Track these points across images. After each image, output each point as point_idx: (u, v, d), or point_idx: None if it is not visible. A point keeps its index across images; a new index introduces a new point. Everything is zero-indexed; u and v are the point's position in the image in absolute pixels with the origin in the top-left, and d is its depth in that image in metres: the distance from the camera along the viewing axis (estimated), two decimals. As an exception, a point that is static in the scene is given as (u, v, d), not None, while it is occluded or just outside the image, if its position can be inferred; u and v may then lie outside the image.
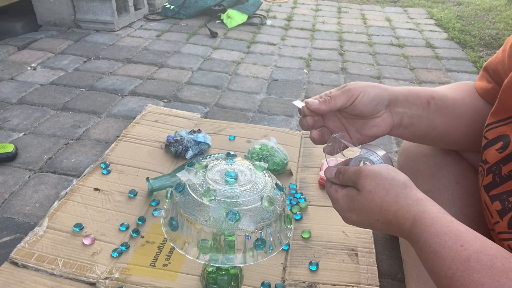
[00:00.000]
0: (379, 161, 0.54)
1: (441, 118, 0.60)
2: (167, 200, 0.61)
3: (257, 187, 0.58)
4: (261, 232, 0.56)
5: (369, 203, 0.49)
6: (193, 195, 0.56)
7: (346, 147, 0.60)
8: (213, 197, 0.54)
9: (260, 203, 0.55)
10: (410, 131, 0.61)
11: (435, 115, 0.60)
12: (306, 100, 0.60)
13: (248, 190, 0.57)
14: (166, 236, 0.59)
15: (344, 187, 0.53)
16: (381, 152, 0.55)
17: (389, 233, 0.52)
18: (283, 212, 0.59)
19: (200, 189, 0.56)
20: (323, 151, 0.61)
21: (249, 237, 0.56)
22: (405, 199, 0.47)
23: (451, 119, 0.61)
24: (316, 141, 0.61)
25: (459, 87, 0.64)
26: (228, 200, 0.55)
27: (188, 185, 0.58)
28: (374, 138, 0.62)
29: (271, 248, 0.57)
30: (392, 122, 0.59)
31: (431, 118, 0.60)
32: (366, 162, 0.56)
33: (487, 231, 0.60)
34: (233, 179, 0.57)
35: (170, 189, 0.61)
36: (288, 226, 0.61)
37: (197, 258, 0.56)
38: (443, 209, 0.46)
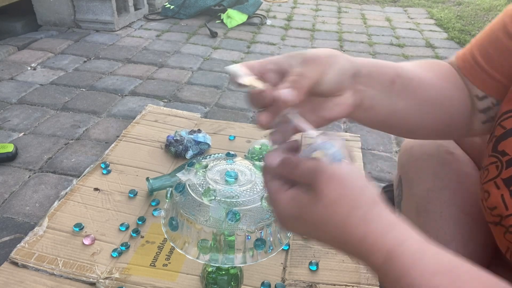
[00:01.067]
0: (337, 157, 0.40)
1: (405, 102, 0.52)
2: (167, 200, 0.61)
3: (257, 187, 0.58)
4: (261, 232, 0.56)
5: (329, 217, 0.37)
6: (193, 195, 0.56)
7: (296, 131, 0.45)
8: (213, 197, 0.54)
9: (260, 203, 0.55)
10: (370, 115, 0.51)
11: (398, 97, 0.51)
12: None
13: (248, 190, 0.57)
14: (166, 236, 0.59)
15: (291, 186, 0.40)
16: (340, 144, 0.41)
17: (343, 253, 0.39)
18: None
19: (200, 189, 0.56)
20: (269, 139, 0.46)
21: (249, 237, 0.56)
22: (376, 222, 0.36)
23: (415, 103, 0.52)
24: (265, 126, 0.44)
25: (431, 66, 0.56)
26: (228, 200, 0.55)
27: (188, 185, 0.58)
28: (330, 121, 0.48)
29: (271, 248, 0.57)
30: (354, 102, 0.48)
31: (393, 101, 0.51)
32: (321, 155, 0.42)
33: (488, 231, 0.60)
34: (233, 179, 0.57)
35: (170, 189, 0.61)
36: None
37: (197, 258, 0.56)
38: (420, 235, 0.37)
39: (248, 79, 0.44)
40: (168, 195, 0.60)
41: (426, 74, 0.53)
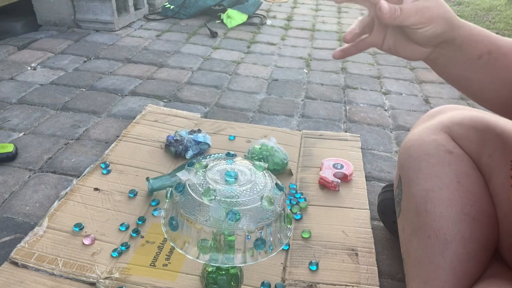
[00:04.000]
0: None
1: (482, 76, 0.54)
2: (167, 200, 0.61)
3: (257, 187, 0.58)
4: (261, 232, 0.56)
5: None
6: (193, 194, 0.56)
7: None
8: (213, 197, 0.54)
9: (260, 203, 0.55)
10: (441, 70, 0.57)
11: (478, 71, 0.54)
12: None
13: (248, 190, 0.57)
14: (166, 236, 0.59)
15: None
16: None
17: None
18: (283, 212, 0.59)
19: (200, 189, 0.56)
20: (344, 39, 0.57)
21: (249, 237, 0.56)
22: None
23: (493, 81, 0.54)
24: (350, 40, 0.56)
25: None
26: (228, 199, 0.55)
27: (188, 185, 0.58)
28: (402, 56, 0.57)
29: (271, 248, 0.58)
30: (428, 56, 0.55)
31: (470, 71, 0.54)
32: None
33: (488, 231, 0.60)
34: (233, 179, 0.57)
35: (170, 189, 0.61)
36: (288, 226, 0.61)
37: (197, 258, 0.56)
38: None
39: None
40: (168, 195, 0.60)
41: None
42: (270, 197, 0.56)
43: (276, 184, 0.60)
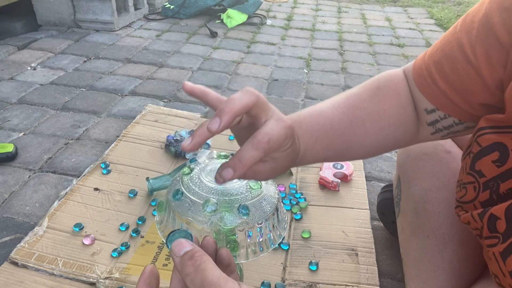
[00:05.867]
0: None
1: (360, 143, 0.53)
2: (161, 213, 0.61)
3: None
4: (260, 227, 0.57)
5: None
6: (191, 197, 0.57)
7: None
8: (214, 209, 0.55)
9: (257, 198, 0.56)
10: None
11: (351, 144, 0.52)
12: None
13: (243, 187, 0.57)
14: (164, 240, 0.59)
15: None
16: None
17: None
18: (277, 203, 0.60)
19: (196, 189, 0.57)
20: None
21: (251, 233, 0.56)
22: None
23: (375, 138, 0.53)
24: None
25: (373, 93, 0.54)
26: (226, 198, 0.55)
27: (184, 189, 0.58)
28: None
29: (272, 243, 0.58)
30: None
31: (317, 147, 0.51)
32: None
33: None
34: None
35: (161, 199, 0.62)
36: (284, 218, 0.62)
37: None
38: None
39: None
40: (164, 206, 0.61)
41: (359, 115, 0.52)
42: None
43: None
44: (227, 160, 0.40)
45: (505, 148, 0.43)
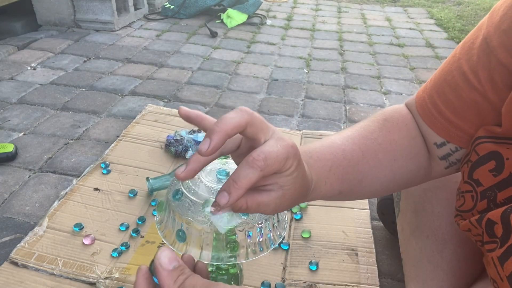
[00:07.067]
0: None
1: (372, 174, 0.51)
2: (160, 213, 0.61)
3: None
4: (260, 227, 0.56)
5: None
6: (191, 197, 0.56)
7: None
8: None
9: None
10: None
11: (362, 174, 0.51)
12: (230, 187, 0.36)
13: None
14: (165, 241, 0.59)
15: None
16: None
17: None
18: None
19: (196, 189, 0.57)
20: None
21: (251, 233, 0.56)
22: None
23: (353, 186, 0.51)
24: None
25: (379, 130, 0.52)
26: None
27: (184, 189, 0.58)
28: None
29: (272, 243, 0.58)
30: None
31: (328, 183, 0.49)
32: None
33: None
34: (225, 177, 0.58)
35: (160, 199, 0.62)
36: (283, 217, 0.62)
37: (199, 257, 0.56)
38: None
39: None
40: (164, 206, 0.61)
41: (371, 146, 0.50)
42: None
43: None
44: (227, 160, 0.40)
45: (501, 157, 0.43)
